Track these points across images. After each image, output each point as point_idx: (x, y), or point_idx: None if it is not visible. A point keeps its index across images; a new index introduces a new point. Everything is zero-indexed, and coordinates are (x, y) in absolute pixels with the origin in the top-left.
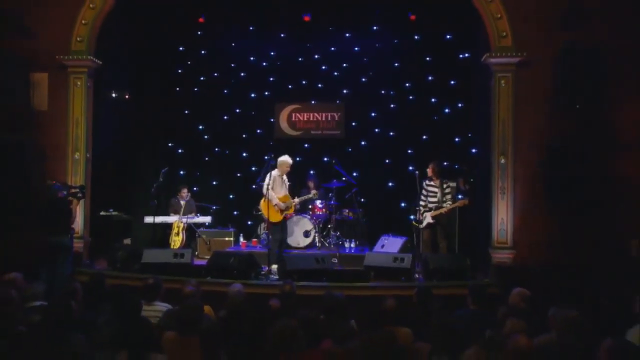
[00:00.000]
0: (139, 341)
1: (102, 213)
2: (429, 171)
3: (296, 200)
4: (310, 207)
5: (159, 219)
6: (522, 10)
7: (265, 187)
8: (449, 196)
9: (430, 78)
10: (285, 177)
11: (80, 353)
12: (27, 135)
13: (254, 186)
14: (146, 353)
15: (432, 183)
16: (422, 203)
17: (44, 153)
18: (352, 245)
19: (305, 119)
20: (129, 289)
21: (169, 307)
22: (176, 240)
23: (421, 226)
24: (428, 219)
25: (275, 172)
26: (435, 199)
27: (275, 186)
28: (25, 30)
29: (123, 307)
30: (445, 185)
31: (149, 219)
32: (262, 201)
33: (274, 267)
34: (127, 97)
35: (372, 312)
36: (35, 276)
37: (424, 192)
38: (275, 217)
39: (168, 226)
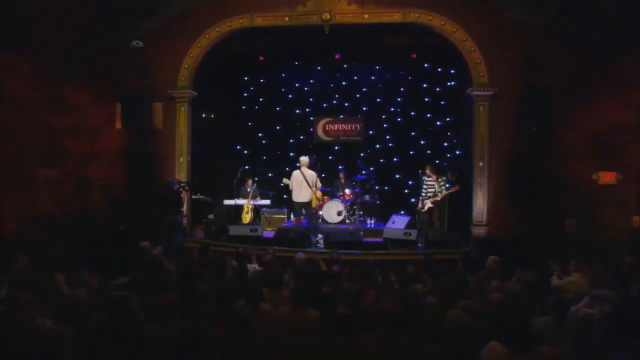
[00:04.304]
0: (252, 294)
1: (193, 197)
2: (427, 171)
3: None
4: (341, 193)
5: (235, 202)
6: (495, 58)
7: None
8: (443, 187)
9: (426, 99)
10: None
11: (205, 298)
12: (150, 146)
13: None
14: (257, 303)
15: (430, 179)
16: (423, 193)
17: (161, 158)
18: (372, 222)
19: (336, 128)
20: (224, 254)
21: (255, 267)
22: (246, 218)
23: (423, 210)
24: (428, 204)
25: (306, 169)
26: (433, 190)
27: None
28: (148, 74)
29: (235, 268)
30: (440, 180)
31: (228, 202)
32: (313, 192)
33: (320, 237)
34: (212, 116)
35: (398, 274)
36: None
37: (424, 185)
38: (315, 202)
39: (240, 207)
